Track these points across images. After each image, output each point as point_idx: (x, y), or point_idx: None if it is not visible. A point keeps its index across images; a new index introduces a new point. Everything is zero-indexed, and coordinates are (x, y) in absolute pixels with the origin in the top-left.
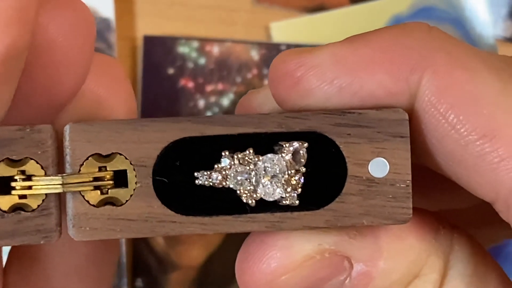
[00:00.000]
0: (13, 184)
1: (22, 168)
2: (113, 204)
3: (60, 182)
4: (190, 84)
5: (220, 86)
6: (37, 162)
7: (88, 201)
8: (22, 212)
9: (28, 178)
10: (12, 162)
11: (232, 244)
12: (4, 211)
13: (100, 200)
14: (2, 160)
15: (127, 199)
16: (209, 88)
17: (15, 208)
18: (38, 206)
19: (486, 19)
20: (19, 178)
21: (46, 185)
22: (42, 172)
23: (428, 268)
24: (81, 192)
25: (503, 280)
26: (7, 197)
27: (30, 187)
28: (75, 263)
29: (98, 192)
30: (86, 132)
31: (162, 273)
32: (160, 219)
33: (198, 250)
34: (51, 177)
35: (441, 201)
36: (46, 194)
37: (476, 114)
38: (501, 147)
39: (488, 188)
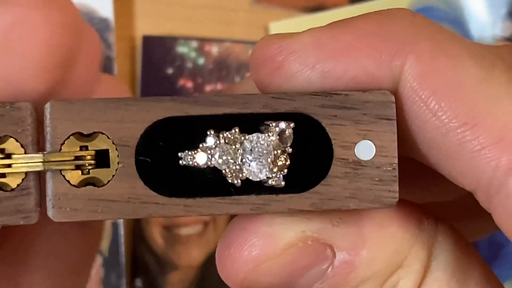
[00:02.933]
0: None
1: (1, 146)
2: (94, 184)
3: (41, 160)
4: (189, 84)
5: (219, 86)
6: (17, 140)
7: (68, 181)
8: (1, 192)
9: (8, 156)
10: None
11: None
12: None
13: (81, 180)
14: None
15: (109, 179)
16: (208, 88)
17: None
18: (18, 185)
19: (485, 19)
20: (4, 157)
21: (26, 163)
22: (22, 151)
23: (411, 258)
24: (62, 171)
25: (486, 272)
26: None
27: (9, 166)
28: (55, 244)
29: (79, 172)
30: (67, 111)
31: (161, 273)
32: (143, 201)
33: (197, 250)
34: (31, 155)
35: (425, 194)
36: (26, 173)
37: (457, 102)
38: (482, 135)
39: (468, 177)
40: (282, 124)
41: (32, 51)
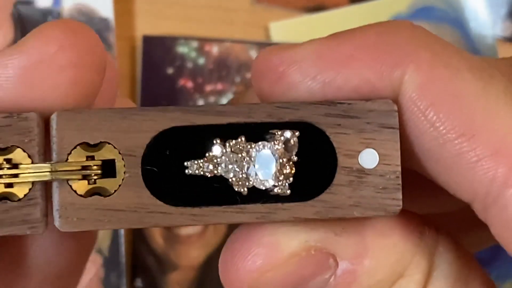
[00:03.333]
0: (3, 172)
1: (9, 156)
2: (101, 194)
3: (49, 170)
4: (189, 84)
5: (219, 86)
6: (24, 151)
7: (75, 191)
8: (8, 202)
9: (15, 166)
10: None
11: None
12: None
13: (87, 190)
14: None
15: (116, 189)
16: (208, 88)
17: (1, 198)
18: (25, 195)
19: (486, 19)
20: (5, 167)
21: (33, 172)
22: (29, 161)
23: (413, 268)
24: (68, 181)
25: (486, 283)
26: None
27: (16, 175)
28: (50, 250)
29: (86, 182)
30: (74, 121)
31: (161, 273)
32: (149, 210)
33: (197, 250)
34: (39, 165)
35: (425, 205)
36: (32, 183)
37: (455, 113)
38: (478, 147)
39: (465, 188)
40: (288, 133)
41: (59, 88)
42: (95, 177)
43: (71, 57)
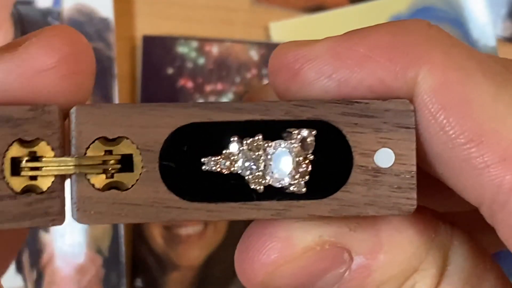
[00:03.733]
0: (24, 164)
1: (34, 149)
2: (118, 188)
3: (74, 163)
4: (189, 84)
5: (219, 86)
6: (48, 144)
7: (93, 185)
8: (32, 194)
9: (38, 159)
10: (23, 143)
11: (232, 244)
12: (16, 193)
13: (105, 184)
14: (15, 141)
15: (133, 183)
16: (208, 88)
17: (26, 190)
18: (48, 188)
19: (486, 19)
20: (31, 159)
21: (58, 166)
22: (52, 154)
23: (427, 263)
24: (87, 175)
25: (501, 279)
26: (19, 178)
27: (39, 168)
28: None
29: (103, 176)
30: (93, 115)
31: (162, 273)
32: (166, 205)
33: (197, 250)
34: (64, 158)
35: (441, 203)
36: (55, 176)
37: (465, 118)
38: (487, 153)
39: (473, 193)
40: (305, 132)
41: (59, 94)
42: (113, 171)
43: (72, 67)
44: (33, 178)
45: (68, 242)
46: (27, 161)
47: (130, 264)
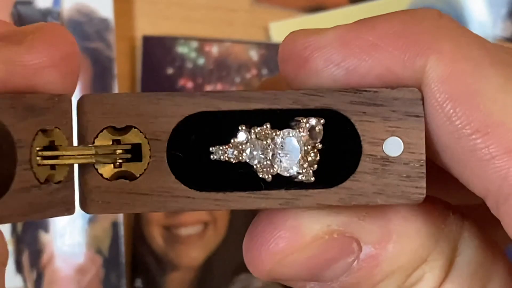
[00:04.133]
0: (46, 154)
1: (52, 138)
2: (126, 178)
3: (93, 153)
4: (189, 84)
5: (219, 87)
6: (63, 133)
7: (101, 175)
8: (53, 184)
9: (56, 148)
10: (44, 132)
11: (232, 244)
12: (41, 183)
13: (113, 173)
14: (39, 130)
15: (141, 173)
16: (208, 88)
17: (46, 180)
18: (64, 177)
19: (485, 19)
20: (50, 148)
21: (76, 155)
22: (67, 143)
23: (436, 253)
24: (95, 165)
25: (510, 271)
26: (42, 167)
27: (58, 157)
28: None
29: (111, 165)
30: (101, 104)
31: (161, 274)
32: (174, 194)
33: (197, 250)
34: (83, 147)
35: (451, 194)
36: (69, 165)
37: (472, 108)
38: (492, 144)
39: (478, 184)
40: (313, 120)
41: (58, 88)
42: (121, 161)
43: (70, 66)
44: (53, 167)
45: (68, 242)
46: (46, 150)
47: (130, 264)
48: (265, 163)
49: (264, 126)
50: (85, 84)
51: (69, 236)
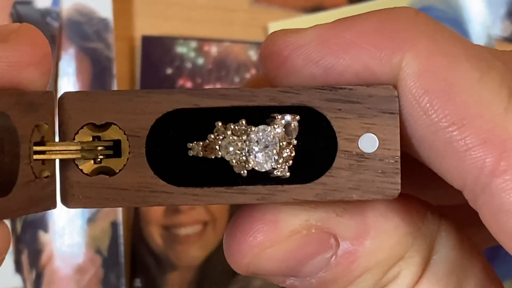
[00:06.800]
0: (38, 148)
1: (42, 134)
2: (106, 173)
3: (79, 148)
4: (189, 84)
5: (218, 86)
6: (49, 128)
7: (81, 170)
8: (43, 179)
9: (43, 143)
10: (37, 127)
11: None
12: (36, 177)
13: (93, 169)
14: (36, 126)
15: (120, 168)
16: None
17: (38, 175)
18: (51, 172)
19: (485, 19)
20: (39, 143)
21: (62, 150)
22: (53, 139)
23: (413, 251)
24: (75, 161)
25: (486, 271)
26: (36, 162)
27: (45, 152)
28: None
29: (91, 161)
30: (81, 101)
31: (161, 273)
32: (153, 189)
33: (196, 250)
34: (69, 143)
35: (430, 194)
36: (56, 160)
37: (448, 101)
38: (469, 136)
39: (456, 176)
40: (288, 117)
41: (38, 85)
42: (102, 157)
43: (48, 66)
44: (42, 162)
45: (67, 242)
46: (37, 145)
47: (129, 264)
48: (240, 158)
49: (240, 122)
50: (84, 84)
51: (68, 236)
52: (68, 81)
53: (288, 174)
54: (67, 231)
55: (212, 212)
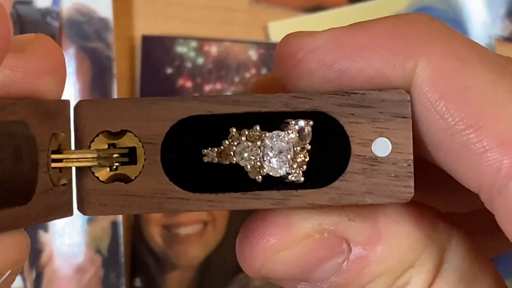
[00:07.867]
0: (56, 156)
1: (59, 142)
2: (121, 180)
3: (95, 156)
4: (188, 84)
5: (218, 86)
6: (66, 137)
7: (97, 177)
8: (61, 186)
9: (61, 152)
10: (55, 135)
11: (231, 243)
12: (54, 185)
13: (109, 176)
14: (53, 134)
15: (136, 175)
16: (207, 88)
17: (56, 182)
18: (68, 180)
19: (485, 19)
20: (56, 151)
21: (79, 158)
22: (69, 147)
23: (424, 258)
24: (91, 168)
25: (497, 280)
26: (53, 170)
27: (62, 160)
28: None
29: (107, 169)
30: (96, 109)
31: (161, 273)
32: (168, 196)
33: (196, 250)
34: (85, 150)
35: (442, 202)
36: (72, 168)
37: (464, 105)
38: (485, 138)
39: (472, 178)
40: (301, 122)
41: (54, 95)
42: (118, 164)
43: (63, 75)
44: (59, 170)
45: (67, 242)
46: (55, 153)
47: (129, 264)
48: (255, 164)
49: (254, 128)
50: (84, 84)
51: (68, 236)
52: (68, 81)
53: (302, 179)
54: (67, 231)
55: (212, 212)
